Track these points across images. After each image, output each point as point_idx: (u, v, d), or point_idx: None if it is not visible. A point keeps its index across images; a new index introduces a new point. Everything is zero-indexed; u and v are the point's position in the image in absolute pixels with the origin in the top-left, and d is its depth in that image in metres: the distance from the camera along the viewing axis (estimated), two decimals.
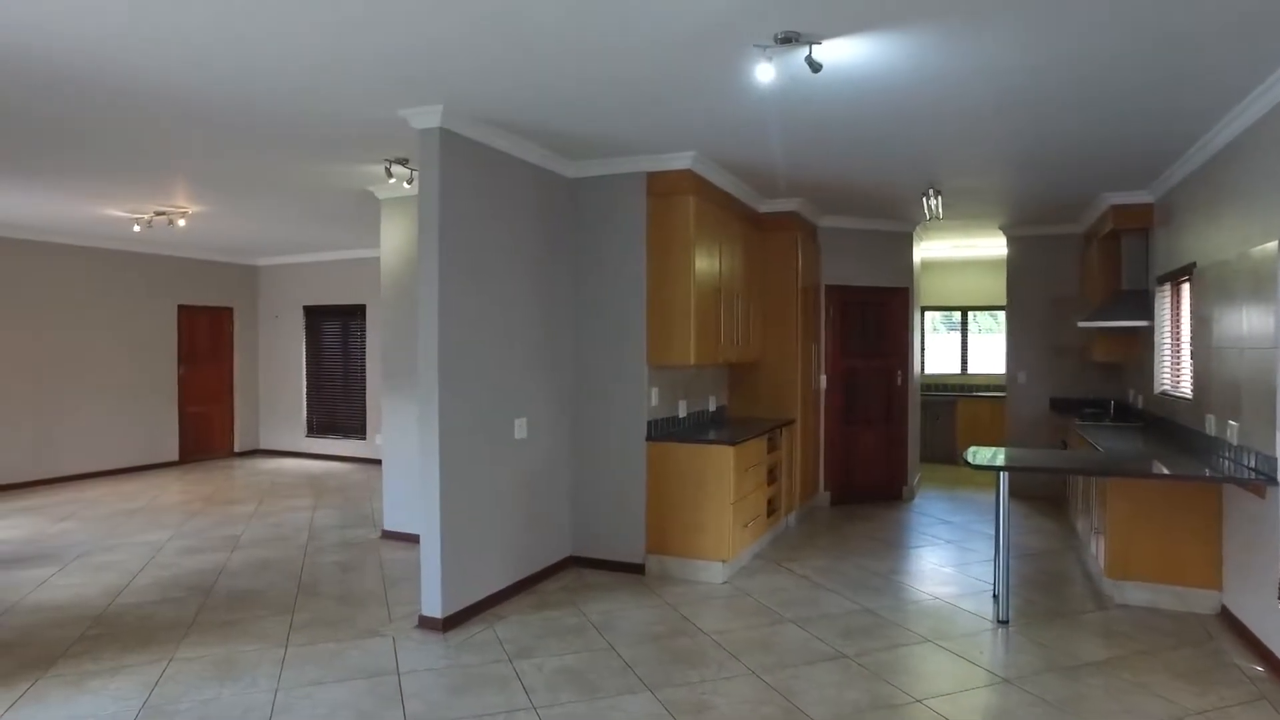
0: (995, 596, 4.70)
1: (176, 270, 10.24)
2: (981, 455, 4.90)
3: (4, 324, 8.47)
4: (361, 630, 4.31)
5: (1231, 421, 4.25)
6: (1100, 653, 4.01)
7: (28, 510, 7.48)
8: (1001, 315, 10.82)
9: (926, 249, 9.68)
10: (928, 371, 10.92)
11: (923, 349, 10.42)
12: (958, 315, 11.11)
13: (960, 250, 10.11)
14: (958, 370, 11.04)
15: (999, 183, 6.15)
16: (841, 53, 3.38)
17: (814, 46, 3.26)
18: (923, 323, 10.30)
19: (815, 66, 3.29)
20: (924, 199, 6.37)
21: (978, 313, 11.05)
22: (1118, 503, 4.74)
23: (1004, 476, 4.56)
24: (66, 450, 9.05)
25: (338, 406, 10.74)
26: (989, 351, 10.97)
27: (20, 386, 8.66)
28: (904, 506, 7.74)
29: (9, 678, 3.72)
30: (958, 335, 11.14)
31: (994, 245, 9.43)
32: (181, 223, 7.37)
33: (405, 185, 5.53)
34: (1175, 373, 5.67)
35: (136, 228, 7.61)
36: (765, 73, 3.35)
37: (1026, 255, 8.22)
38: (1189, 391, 5.19)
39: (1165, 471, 4.27)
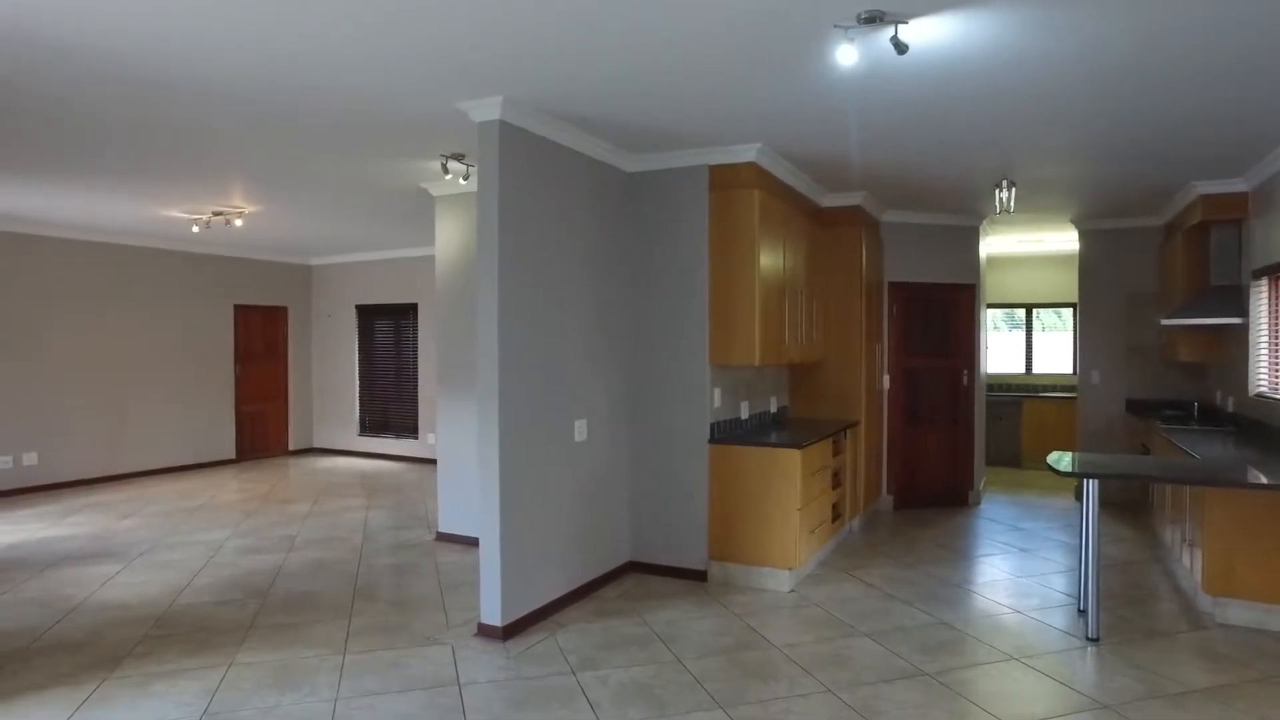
0: (1081, 611, 4.43)
1: (233, 270, 10.35)
2: (1065, 461, 4.62)
3: (75, 325, 8.63)
4: (419, 637, 4.21)
5: None
6: (1205, 678, 3.71)
7: (96, 506, 7.58)
8: (1065, 312, 10.44)
9: (989, 244, 9.33)
10: (989, 371, 10.54)
11: (985, 348, 10.05)
12: (1019, 312, 10.71)
13: (1025, 245, 9.73)
14: (1021, 370, 10.64)
15: (1078, 172, 5.83)
16: (927, 32, 3.17)
17: (900, 26, 3.05)
18: (984, 321, 9.94)
19: (901, 48, 3.08)
20: (996, 191, 6.09)
21: (1041, 310, 10.63)
22: (1218, 513, 4.42)
23: (1092, 484, 4.28)
24: (131, 448, 9.20)
25: (390, 405, 10.76)
26: (1053, 350, 10.55)
27: (91, 386, 8.81)
28: (970, 512, 7.44)
29: (78, 677, 3.71)
30: (1019, 333, 10.73)
31: (1062, 239, 9.06)
32: (238, 222, 7.39)
33: (461, 181, 5.43)
34: (1275, 373, 5.30)
35: (195, 228, 7.66)
36: (847, 55, 3.15)
37: (1100, 249, 7.83)
38: None
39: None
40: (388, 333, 10.77)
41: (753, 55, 3.45)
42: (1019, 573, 5.47)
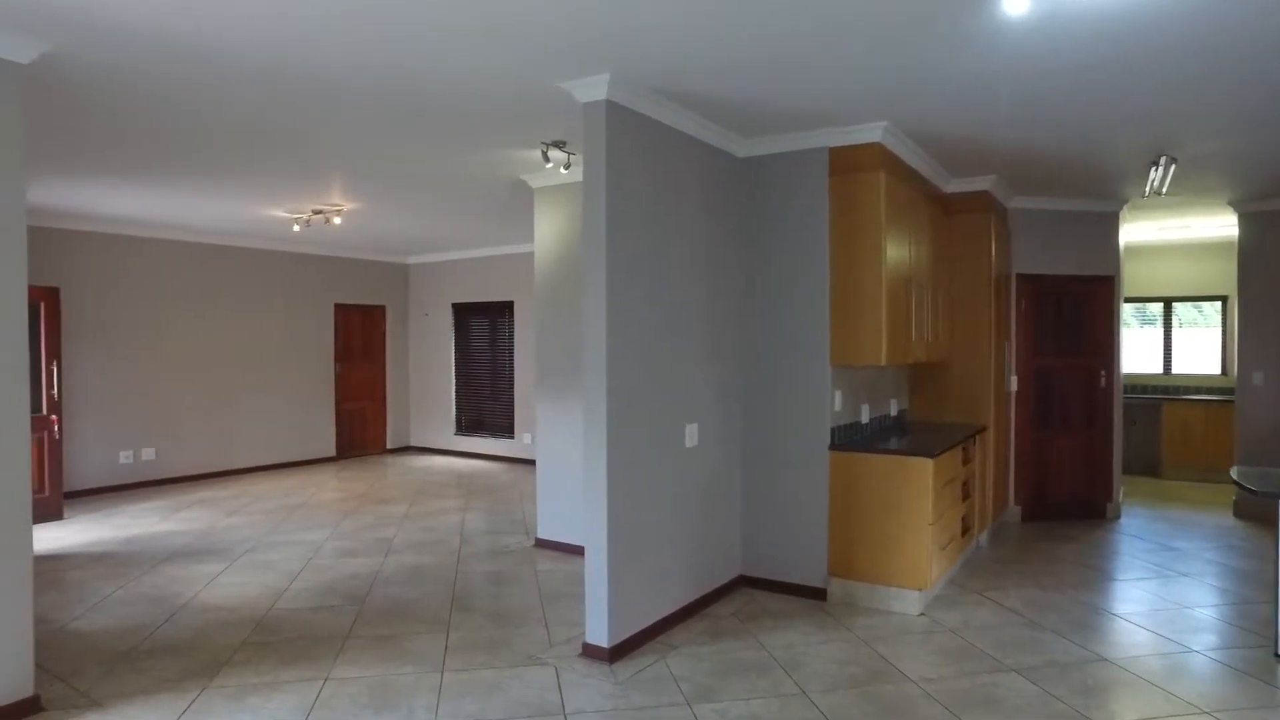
0: (1278, 656, 3.81)
1: (333, 269, 10.45)
2: (1253, 476, 4.00)
3: (188, 325, 8.83)
4: (521, 656, 3.95)
5: None
6: None
7: (204, 503, 7.70)
8: (1208, 307, 9.45)
9: (1126, 232, 8.52)
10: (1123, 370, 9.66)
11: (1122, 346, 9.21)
12: (1151, 307, 9.76)
13: (1168, 233, 8.85)
14: (1158, 370, 9.71)
15: (1246, 146, 5.12)
16: None
17: None
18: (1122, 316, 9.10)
19: None
20: (1151, 169, 5.43)
21: (1181, 304, 9.67)
22: None
23: None
24: (239, 445, 9.38)
25: (485, 404, 10.67)
26: (1195, 348, 9.58)
27: (202, 384, 9.02)
28: (1110, 526, 6.75)
29: (181, 684, 3.63)
30: (1151, 329, 9.79)
31: (1214, 225, 8.18)
32: (337, 220, 7.36)
33: (562, 171, 5.16)
34: None
35: (296, 227, 7.69)
36: (1017, 3, 2.70)
37: (1267, 234, 6.99)
38: None
39: None
40: (484, 331, 10.68)
41: (901, 14, 3.02)
42: (1183, 602, 4.83)
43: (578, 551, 5.73)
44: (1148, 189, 5.70)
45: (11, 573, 3.23)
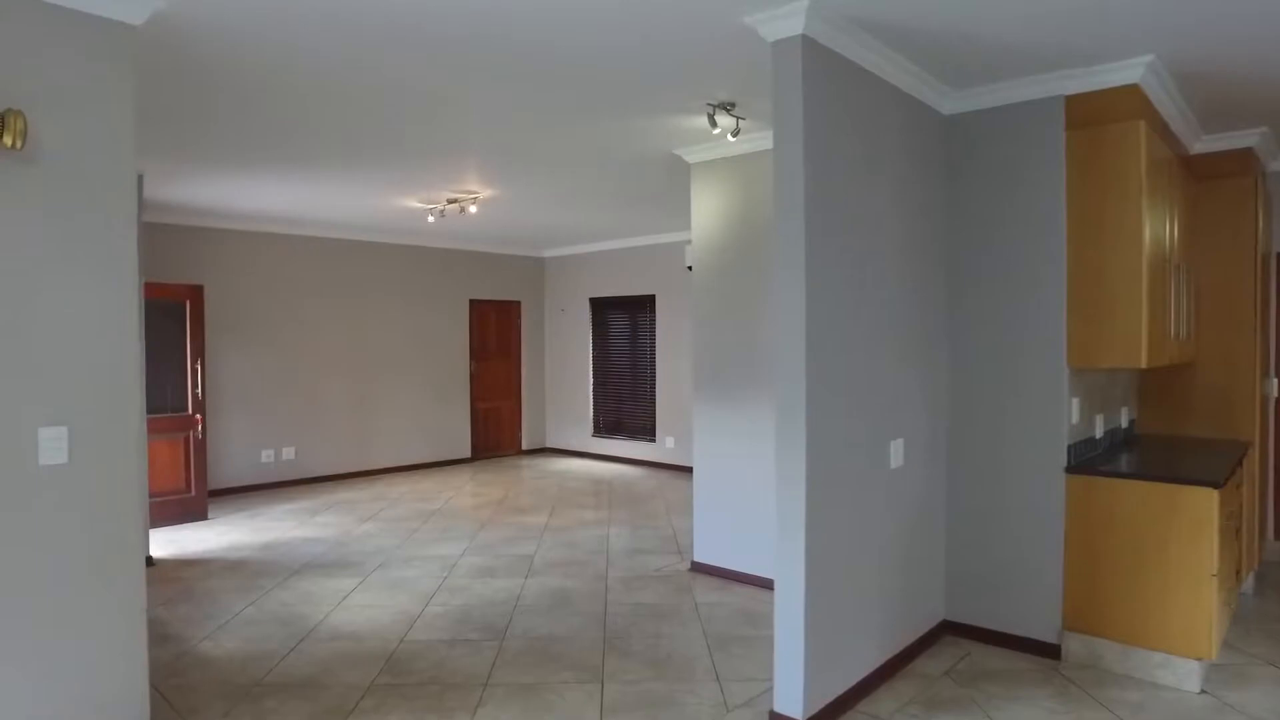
0: None
1: (468, 264, 10.13)
2: None
3: (326, 322, 8.69)
4: None
5: None
6: None
7: (340, 505, 7.46)
8: None
9: None
10: None
11: None
12: None
13: None
14: None
15: None
16: None
17: None
18: None
19: None
20: None
21: None
22: None
23: None
24: (376, 445, 9.18)
25: (625, 405, 10.08)
26: None
27: (340, 383, 8.87)
28: None
29: None
30: None
31: None
32: (473, 209, 6.91)
33: (730, 138, 4.41)
34: None
35: (430, 218, 7.30)
36: None
37: None
38: None
39: None
40: (623, 327, 10.09)
41: None
42: None
43: (740, 579, 5.00)
44: None
45: (127, 612, 2.80)
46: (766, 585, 4.86)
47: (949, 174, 4.12)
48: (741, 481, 5.02)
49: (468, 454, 10.13)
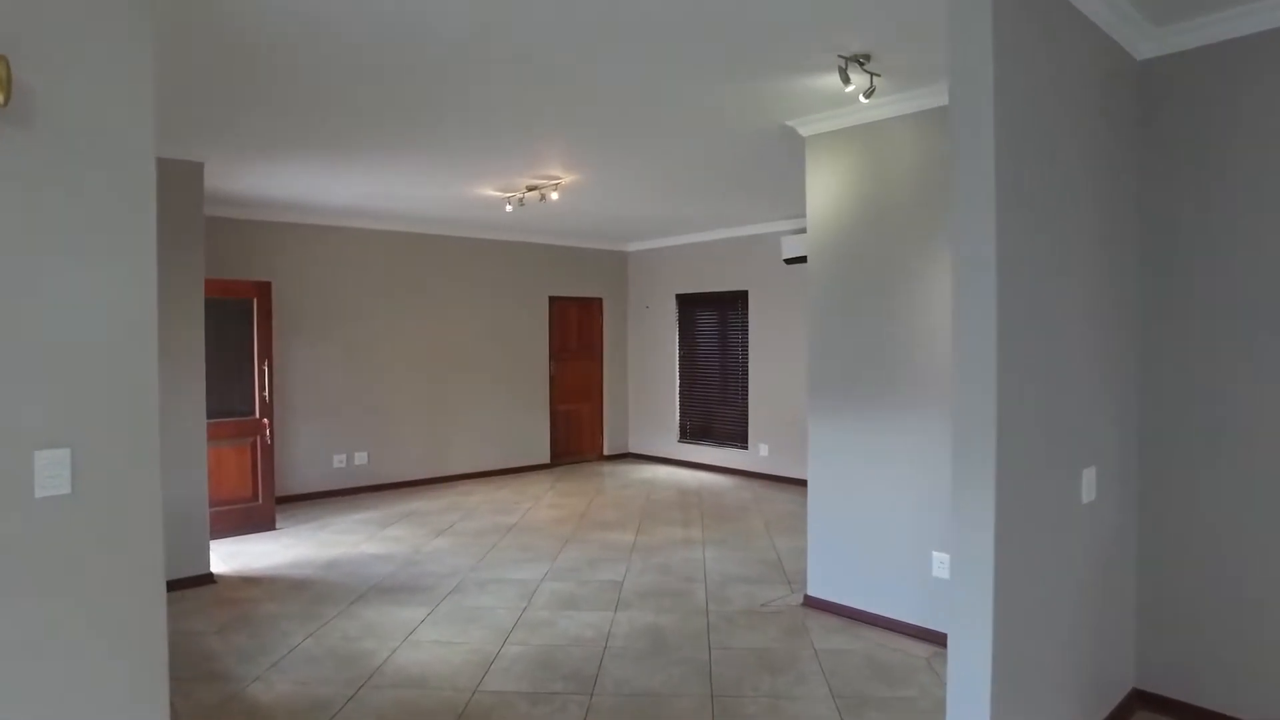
0: None
1: (547, 259, 9.60)
2: None
3: (396, 321, 8.27)
4: None
5: None
6: None
7: (413, 516, 7.00)
8: None
9: None
10: None
11: None
12: None
13: None
14: None
15: None
16: None
17: None
18: None
19: None
20: None
21: None
22: None
23: None
24: (451, 450, 8.73)
25: (714, 409, 9.38)
26: None
27: (414, 385, 8.45)
28: None
29: None
30: None
31: None
32: (554, 196, 6.33)
33: (862, 99, 3.68)
34: None
35: (509, 207, 6.75)
36: None
37: None
38: None
39: None
40: (712, 325, 9.40)
41: None
42: None
43: (863, 618, 4.29)
44: None
45: (145, 684, 2.27)
46: (894, 628, 4.16)
47: (1142, 136, 3.30)
48: (868, 507, 4.29)
49: (546, 459, 9.60)
